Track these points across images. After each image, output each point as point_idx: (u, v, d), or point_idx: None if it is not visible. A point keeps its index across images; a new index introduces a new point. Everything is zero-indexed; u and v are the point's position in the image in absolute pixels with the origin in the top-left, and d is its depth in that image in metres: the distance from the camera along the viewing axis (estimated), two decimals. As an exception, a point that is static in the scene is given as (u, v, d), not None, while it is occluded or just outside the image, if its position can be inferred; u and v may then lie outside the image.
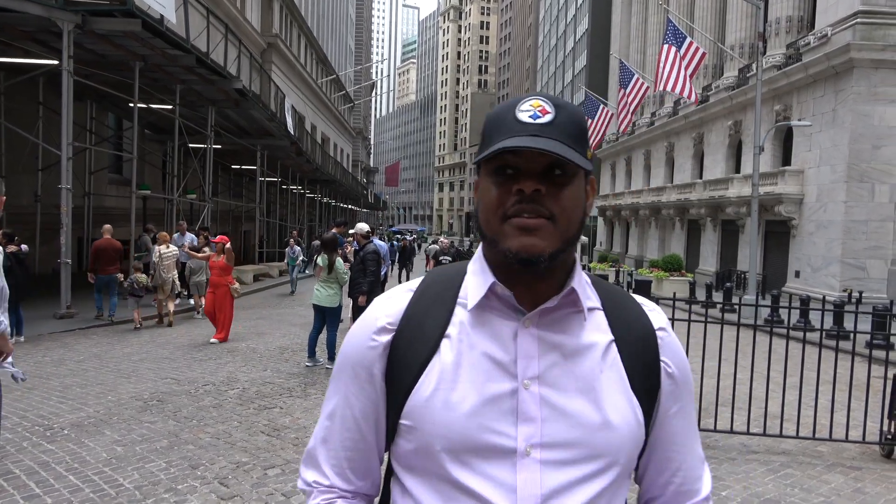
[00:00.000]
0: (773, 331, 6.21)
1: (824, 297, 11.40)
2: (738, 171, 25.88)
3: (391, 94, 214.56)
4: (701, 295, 19.58)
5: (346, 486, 1.07)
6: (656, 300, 5.97)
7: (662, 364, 1.06)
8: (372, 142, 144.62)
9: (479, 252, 1.06)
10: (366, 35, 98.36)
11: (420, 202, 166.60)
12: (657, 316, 1.10)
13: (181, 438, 5.38)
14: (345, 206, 52.38)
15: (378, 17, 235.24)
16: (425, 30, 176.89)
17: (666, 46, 19.60)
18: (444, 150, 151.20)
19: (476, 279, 1.02)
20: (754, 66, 20.86)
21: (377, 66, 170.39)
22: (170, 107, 16.17)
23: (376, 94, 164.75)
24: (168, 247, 11.84)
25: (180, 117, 16.04)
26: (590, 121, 31.60)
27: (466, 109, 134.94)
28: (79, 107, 16.55)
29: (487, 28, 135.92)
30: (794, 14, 22.73)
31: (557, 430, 0.95)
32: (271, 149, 23.76)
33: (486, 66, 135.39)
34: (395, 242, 28.25)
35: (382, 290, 8.66)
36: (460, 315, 1.01)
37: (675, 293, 6.35)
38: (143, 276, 11.49)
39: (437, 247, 18.86)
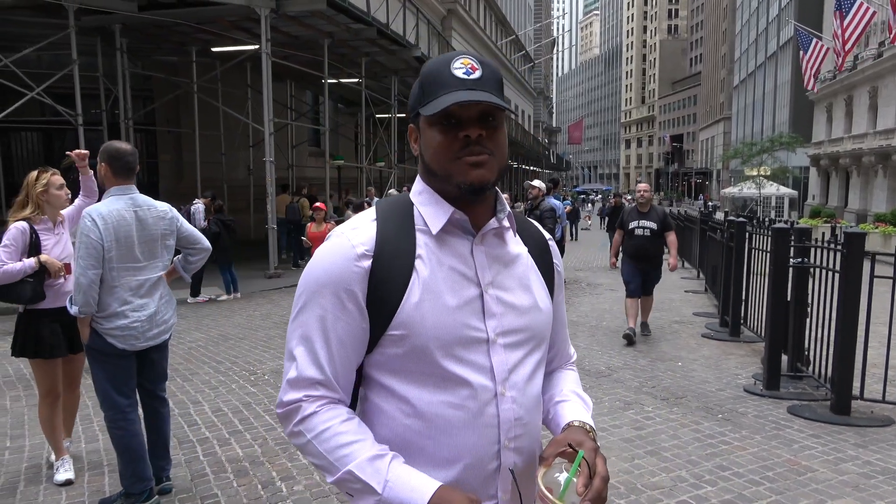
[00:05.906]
0: None
1: None
2: None
3: (573, 49, 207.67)
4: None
5: (334, 395, 1.20)
6: (873, 256, 5.12)
7: (554, 264, 1.39)
8: (554, 101, 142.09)
9: (420, 187, 1.25)
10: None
11: (605, 160, 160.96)
12: (543, 231, 1.42)
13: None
14: (526, 167, 52.21)
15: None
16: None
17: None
18: (630, 104, 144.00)
19: (432, 209, 1.22)
20: None
21: (557, 22, 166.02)
22: (356, 80, 17.13)
23: (557, 51, 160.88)
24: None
25: (366, 89, 16.93)
26: (802, 54, 28.00)
27: (655, 59, 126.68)
28: (280, 87, 18.19)
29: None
30: None
31: (511, 321, 1.23)
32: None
33: (677, 10, 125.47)
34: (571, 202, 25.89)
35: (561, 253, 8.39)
36: (422, 239, 1.20)
37: (899, 248, 5.36)
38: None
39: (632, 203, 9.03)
